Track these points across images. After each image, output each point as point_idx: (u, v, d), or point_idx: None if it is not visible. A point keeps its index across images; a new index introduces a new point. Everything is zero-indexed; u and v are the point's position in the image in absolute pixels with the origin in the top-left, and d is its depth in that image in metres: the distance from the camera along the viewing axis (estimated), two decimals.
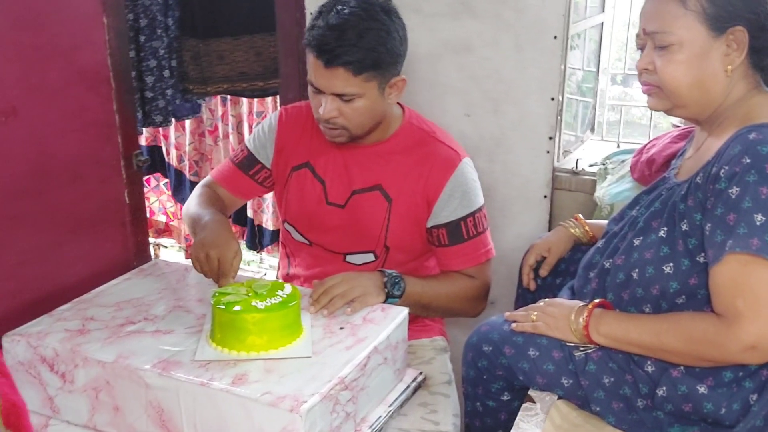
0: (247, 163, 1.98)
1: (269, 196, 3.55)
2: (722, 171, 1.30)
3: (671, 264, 1.38)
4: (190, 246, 3.90)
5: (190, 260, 1.67)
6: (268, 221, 3.60)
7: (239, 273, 1.65)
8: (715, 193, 1.31)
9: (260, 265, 4.13)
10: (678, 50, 1.40)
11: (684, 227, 1.37)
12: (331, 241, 1.91)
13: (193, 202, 1.91)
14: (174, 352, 1.43)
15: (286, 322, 1.46)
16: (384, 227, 1.85)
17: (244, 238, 3.73)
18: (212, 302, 1.46)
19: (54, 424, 1.50)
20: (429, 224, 1.85)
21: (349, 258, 1.91)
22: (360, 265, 1.90)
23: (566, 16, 2.16)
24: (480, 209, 1.86)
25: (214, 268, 1.62)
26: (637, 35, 1.48)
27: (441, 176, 1.82)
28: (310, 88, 1.75)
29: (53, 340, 1.48)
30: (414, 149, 1.85)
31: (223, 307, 1.43)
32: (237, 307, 1.43)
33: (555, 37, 2.17)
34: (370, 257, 1.89)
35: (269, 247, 3.69)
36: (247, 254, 4.11)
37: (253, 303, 1.45)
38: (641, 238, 1.44)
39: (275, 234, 3.62)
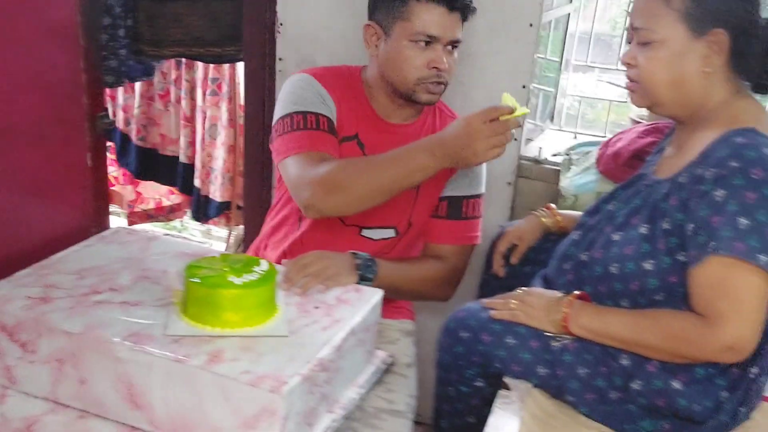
0: (330, 128, 1.76)
1: (218, 167, 3.46)
2: (708, 173, 1.32)
3: (652, 261, 1.39)
4: (159, 211, 3.75)
5: (167, 232, 1.58)
6: (216, 192, 3.51)
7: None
8: (699, 194, 1.32)
9: (209, 236, 4.04)
10: (658, 48, 1.41)
11: (665, 226, 1.39)
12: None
13: (357, 167, 1.65)
14: (145, 325, 1.38)
15: (262, 300, 1.41)
16: (413, 202, 1.84)
17: (190, 207, 3.64)
18: (186, 275, 1.41)
19: (11, 394, 1.43)
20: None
21: (365, 232, 1.86)
22: (376, 240, 1.86)
23: (542, 4, 2.16)
24: (481, 196, 1.89)
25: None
26: (626, 29, 1.50)
27: None
28: (410, 44, 1.70)
29: (14, 307, 1.40)
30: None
31: (199, 281, 1.38)
32: (214, 282, 1.39)
33: (531, 25, 2.16)
34: (391, 233, 1.87)
35: (215, 219, 3.61)
36: (195, 225, 4.02)
37: (230, 278, 1.40)
38: (621, 233, 1.46)
39: (222, 205, 3.54)
